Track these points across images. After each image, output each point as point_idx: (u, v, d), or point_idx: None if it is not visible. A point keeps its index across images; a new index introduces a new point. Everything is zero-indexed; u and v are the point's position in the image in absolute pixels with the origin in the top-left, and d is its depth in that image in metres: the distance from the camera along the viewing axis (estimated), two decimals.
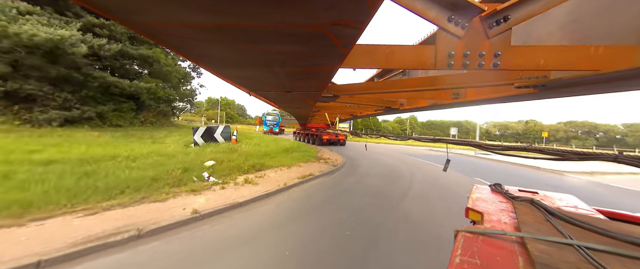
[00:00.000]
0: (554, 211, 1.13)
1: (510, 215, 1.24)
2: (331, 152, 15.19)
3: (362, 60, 2.73)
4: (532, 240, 0.84)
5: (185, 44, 2.01)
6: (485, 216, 1.24)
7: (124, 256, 3.09)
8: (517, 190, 1.89)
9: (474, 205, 1.43)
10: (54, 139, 9.88)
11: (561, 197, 1.73)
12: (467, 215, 1.44)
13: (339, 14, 1.37)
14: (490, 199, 1.60)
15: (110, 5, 1.40)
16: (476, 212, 1.35)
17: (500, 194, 1.74)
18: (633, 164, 1.10)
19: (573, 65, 2.58)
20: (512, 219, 1.16)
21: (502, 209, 1.37)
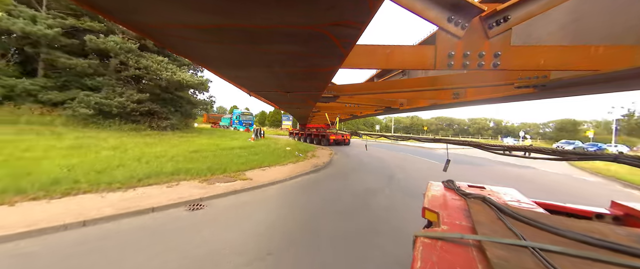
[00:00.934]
0: (505, 209, 1.18)
1: (464, 214, 1.27)
2: (329, 148, 19.06)
3: (362, 61, 2.73)
4: (489, 244, 0.85)
5: (185, 44, 2.01)
6: (441, 216, 1.26)
7: (283, 184, 6.88)
8: (467, 186, 2.01)
9: (430, 205, 1.45)
10: (175, 139, 15.25)
11: (505, 192, 1.89)
12: (423, 215, 1.46)
13: (339, 14, 1.37)
14: (444, 197, 1.63)
15: (109, 6, 1.40)
16: (432, 212, 1.37)
17: (453, 191, 1.79)
18: (633, 164, 1.10)
19: (573, 66, 2.57)
20: (467, 219, 1.18)
21: (457, 207, 1.41)
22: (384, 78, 9.41)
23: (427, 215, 1.42)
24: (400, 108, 8.61)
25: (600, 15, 2.90)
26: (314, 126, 23.24)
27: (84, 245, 3.32)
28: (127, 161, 7.72)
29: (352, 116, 15.86)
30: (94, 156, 8.24)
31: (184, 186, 5.99)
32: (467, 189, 1.85)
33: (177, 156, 9.25)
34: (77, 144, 10.30)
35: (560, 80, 3.33)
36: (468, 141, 2.37)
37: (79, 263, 2.93)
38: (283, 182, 7.17)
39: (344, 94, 5.70)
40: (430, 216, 1.39)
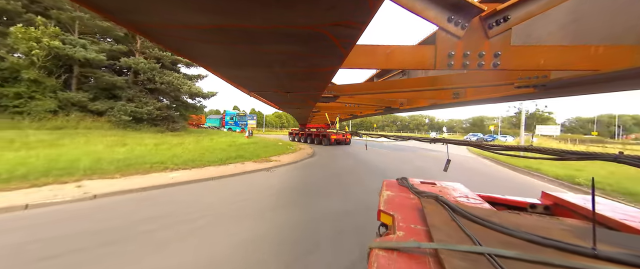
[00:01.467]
0: (457, 208, 1.20)
1: (419, 215, 1.27)
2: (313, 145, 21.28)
3: (362, 61, 2.73)
4: (446, 253, 0.85)
5: (185, 44, 2.01)
6: (396, 219, 1.24)
7: (298, 164, 10.67)
8: (419, 182, 2.08)
9: (385, 206, 1.43)
10: (191, 137, 18.51)
11: (454, 187, 1.98)
12: (379, 218, 1.42)
13: (340, 14, 1.37)
14: (399, 197, 1.64)
15: (109, 6, 1.40)
16: (387, 214, 1.35)
17: (407, 189, 1.82)
18: (633, 164, 1.10)
19: (573, 65, 2.57)
20: (422, 221, 1.18)
21: (411, 208, 1.41)
22: (383, 78, 9.41)
23: (382, 218, 1.40)
24: (400, 108, 8.61)
25: (600, 15, 2.90)
26: (314, 126, 23.25)
27: (219, 185, 6.85)
28: (196, 152, 11.36)
29: (352, 115, 15.86)
30: (170, 149, 11.63)
31: (250, 164, 10.11)
32: (419, 186, 1.91)
33: (217, 149, 12.61)
34: (143, 142, 13.43)
35: (560, 80, 3.33)
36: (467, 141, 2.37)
37: (221, 188, 6.45)
38: (297, 163, 11.25)
39: (344, 94, 5.70)
40: (386, 219, 1.37)
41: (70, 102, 17.86)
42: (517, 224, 1.01)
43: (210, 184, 6.80)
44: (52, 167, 6.69)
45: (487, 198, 1.88)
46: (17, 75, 16.05)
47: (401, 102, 8.18)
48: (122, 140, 13.37)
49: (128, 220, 4.21)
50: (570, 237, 0.88)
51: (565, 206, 1.75)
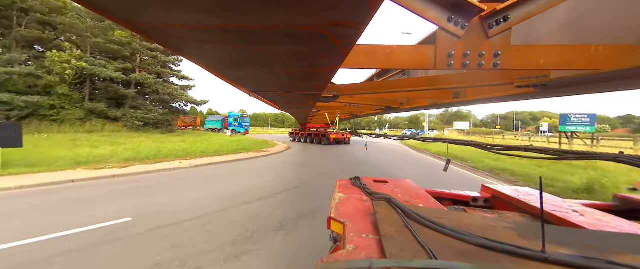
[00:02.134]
0: (409, 212, 1.15)
1: (371, 222, 1.21)
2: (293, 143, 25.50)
3: (362, 61, 2.73)
4: None
5: (185, 44, 2.02)
6: (347, 227, 1.16)
7: (249, 162, 11.88)
8: (372, 180, 2.06)
9: (336, 213, 1.35)
10: (187, 137, 23.58)
11: (405, 185, 1.98)
12: (329, 226, 1.32)
13: (339, 14, 1.37)
14: (351, 199, 1.58)
15: (109, 6, 1.40)
16: (338, 222, 1.25)
17: (359, 189, 1.78)
18: (633, 163, 1.10)
19: (573, 65, 2.57)
20: (374, 229, 1.12)
21: (363, 212, 1.34)
22: (383, 78, 9.41)
23: (332, 227, 1.30)
24: (400, 108, 8.61)
25: (600, 14, 2.90)
26: (314, 126, 23.27)
27: (244, 162, 11.68)
28: (210, 147, 15.25)
29: (352, 115, 15.86)
30: (192, 146, 15.31)
31: (250, 153, 14.39)
32: (373, 185, 1.88)
33: (222, 145, 16.68)
34: (167, 141, 18.47)
35: (560, 79, 3.33)
36: (467, 141, 2.37)
37: (245, 164, 11.31)
38: (282, 152, 15.79)
39: (344, 93, 5.70)
40: (336, 228, 1.27)
41: (92, 111, 22.74)
42: (467, 224, 1.02)
43: (237, 162, 11.70)
44: (151, 154, 11.57)
45: (434, 194, 1.98)
46: (50, 90, 20.19)
47: (401, 102, 8.18)
48: (152, 139, 18.53)
49: (220, 172, 9.11)
50: (518, 237, 0.90)
51: (502, 198, 1.93)
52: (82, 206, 5.33)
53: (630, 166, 1.11)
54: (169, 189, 6.58)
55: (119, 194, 6.17)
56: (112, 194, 6.21)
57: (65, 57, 20.45)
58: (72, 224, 4.22)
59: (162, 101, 27.86)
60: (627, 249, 0.80)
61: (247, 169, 9.68)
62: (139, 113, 24.09)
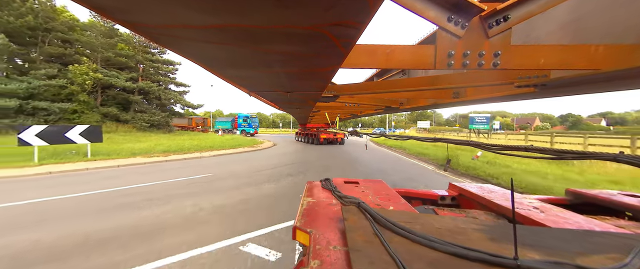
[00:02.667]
0: (379, 218, 1.08)
1: (339, 230, 1.14)
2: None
3: (362, 60, 2.73)
4: None
5: (185, 44, 2.02)
6: (313, 238, 1.08)
7: (248, 154, 15.65)
8: (343, 182, 2.02)
9: (302, 222, 1.26)
10: (186, 135, 27.65)
11: (375, 186, 1.94)
12: (294, 236, 1.22)
13: (339, 14, 1.37)
14: (320, 204, 1.51)
15: (109, 6, 1.40)
16: (303, 232, 1.16)
17: (330, 192, 1.71)
18: (633, 163, 1.10)
19: (573, 65, 2.57)
20: (342, 239, 1.05)
21: (332, 219, 1.28)
22: (384, 77, 9.41)
23: (298, 237, 1.21)
24: (400, 107, 8.61)
25: (600, 14, 2.90)
26: (314, 126, 23.27)
27: (247, 154, 15.61)
28: (214, 143, 18.57)
29: (352, 115, 15.86)
30: (189, 142, 19.13)
31: (246, 148, 18.17)
32: (343, 187, 1.84)
33: (223, 142, 20.34)
34: (175, 139, 21.68)
35: (560, 79, 3.33)
36: (467, 141, 2.37)
37: (247, 155, 15.30)
38: (270, 148, 19.55)
39: (344, 93, 5.70)
40: (302, 238, 1.18)
41: (106, 114, 27.05)
42: (438, 228, 1.00)
43: (241, 154, 15.48)
44: (177, 148, 15.21)
45: (404, 193, 2.02)
46: (72, 97, 24.52)
47: (401, 102, 8.18)
48: (165, 138, 22.41)
49: (235, 159, 13.13)
50: (488, 241, 0.89)
51: (467, 196, 1.99)
52: (170, 172, 9.14)
53: (631, 165, 1.11)
54: (212, 166, 10.61)
55: (184, 168, 10.04)
56: (180, 168, 10.14)
57: (85, 70, 25.00)
58: (176, 177, 8.18)
59: (162, 105, 32.95)
60: (589, 250, 0.83)
61: (250, 158, 13.80)
62: (145, 116, 29.47)
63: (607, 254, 0.79)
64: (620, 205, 1.67)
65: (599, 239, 0.91)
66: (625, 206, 1.65)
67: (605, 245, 0.86)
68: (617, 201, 1.70)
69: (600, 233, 1.00)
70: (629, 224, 1.40)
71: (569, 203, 1.93)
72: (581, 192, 1.91)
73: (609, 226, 1.27)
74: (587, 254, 0.79)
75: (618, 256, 0.77)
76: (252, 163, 11.45)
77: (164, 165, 10.89)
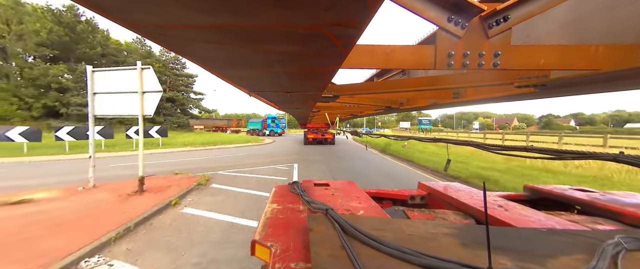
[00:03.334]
0: (348, 226, 1.00)
1: (303, 245, 1.05)
2: None
3: (362, 60, 2.72)
4: None
5: (185, 44, 2.01)
6: (273, 254, 0.98)
7: (259, 147, 22.56)
8: (313, 184, 1.97)
9: (263, 233, 1.15)
10: (211, 135, 35.24)
11: (346, 188, 1.92)
12: (252, 252, 1.10)
13: (339, 14, 1.37)
14: (286, 211, 1.42)
15: (108, 5, 1.40)
16: (263, 247, 1.05)
17: (298, 197, 1.62)
18: (633, 163, 1.10)
19: (573, 65, 2.57)
20: (305, 256, 0.96)
21: (297, 230, 1.18)
22: (384, 78, 9.40)
23: (258, 253, 1.09)
24: (400, 108, 8.61)
25: (600, 14, 2.90)
26: (313, 126, 23.32)
27: (259, 146, 23.13)
28: (227, 139, 27.55)
29: (352, 115, 15.85)
30: (213, 138, 26.55)
31: (254, 143, 25.81)
32: (312, 191, 1.76)
33: (239, 138, 29.32)
34: (204, 135, 30.81)
35: (560, 79, 3.33)
36: (467, 141, 2.37)
37: (261, 146, 23.22)
38: (271, 143, 26.96)
39: (344, 93, 5.70)
40: (262, 254, 1.07)
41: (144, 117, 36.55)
42: (409, 235, 0.97)
43: (254, 146, 22.37)
44: (211, 142, 23.08)
45: (374, 194, 2.04)
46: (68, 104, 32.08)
47: (401, 102, 8.18)
48: (193, 136, 29.30)
49: (253, 148, 20.89)
50: (460, 248, 0.87)
51: (436, 195, 2.05)
52: (220, 152, 17.17)
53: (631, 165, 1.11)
54: (242, 150, 19.16)
55: (225, 151, 18.28)
56: (222, 151, 18.17)
57: None
58: (227, 154, 16.41)
59: (184, 110, 43.18)
60: (555, 250, 0.86)
61: (262, 148, 20.96)
62: (173, 119, 39.06)
63: (573, 255, 0.82)
64: (571, 200, 1.79)
65: (562, 238, 0.96)
66: (575, 200, 1.77)
67: (569, 244, 0.90)
68: (568, 195, 1.82)
69: (561, 232, 1.05)
70: (581, 218, 1.50)
71: (527, 199, 2.03)
72: (538, 188, 2.04)
73: (565, 222, 1.36)
74: (555, 256, 0.82)
75: (583, 257, 0.81)
76: (260, 149, 19.79)
77: (210, 151, 18.17)
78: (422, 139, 3.47)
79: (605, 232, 1.08)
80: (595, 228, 1.32)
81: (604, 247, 0.82)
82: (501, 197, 1.83)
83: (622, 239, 0.87)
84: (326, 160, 13.98)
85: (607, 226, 1.36)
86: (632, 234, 0.94)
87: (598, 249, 0.81)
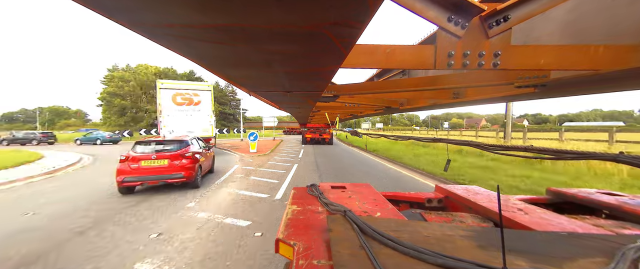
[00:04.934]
0: (366, 228, 1.03)
1: (324, 243, 1.08)
2: None
3: (362, 60, 2.72)
4: None
5: (184, 44, 2.01)
6: (296, 252, 1.02)
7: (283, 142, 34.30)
8: (330, 187, 1.97)
9: (286, 233, 1.20)
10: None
11: (362, 191, 1.90)
12: (276, 250, 1.17)
13: (339, 13, 1.37)
14: (306, 213, 1.45)
15: (107, 4, 1.40)
16: (287, 245, 1.11)
17: (316, 199, 1.65)
18: (634, 163, 1.10)
19: (573, 65, 2.57)
20: (327, 255, 0.99)
21: (317, 230, 1.22)
22: (384, 78, 9.40)
23: (281, 251, 1.15)
24: (400, 108, 8.61)
25: (600, 14, 2.90)
26: (313, 126, 23.36)
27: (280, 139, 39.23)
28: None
29: (352, 115, 15.86)
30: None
31: (279, 138, 39.01)
32: (330, 193, 1.79)
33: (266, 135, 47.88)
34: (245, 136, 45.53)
35: (560, 80, 3.33)
36: (467, 141, 2.37)
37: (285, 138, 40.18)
38: (285, 140, 35.03)
39: (344, 93, 5.69)
40: (285, 252, 1.13)
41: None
42: (426, 236, 0.99)
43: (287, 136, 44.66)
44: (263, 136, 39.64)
45: (391, 197, 2.04)
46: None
47: (401, 102, 8.17)
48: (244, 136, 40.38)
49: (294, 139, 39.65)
50: (476, 249, 0.88)
51: (453, 198, 2.04)
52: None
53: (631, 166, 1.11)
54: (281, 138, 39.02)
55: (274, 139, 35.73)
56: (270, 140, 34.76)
57: (217, 107, 47.76)
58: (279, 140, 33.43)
59: (236, 120, 59.35)
60: (574, 253, 0.84)
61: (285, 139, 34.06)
62: (230, 126, 53.90)
63: (592, 259, 0.80)
64: (597, 204, 1.72)
65: (583, 242, 0.93)
66: (602, 204, 1.69)
67: (589, 248, 0.87)
68: (594, 199, 1.75)
69: (583, 235, 1.02)
70: (607, 223, 1.44)
71: (550, 202, 1.97)
72: (561, 191, 1.97)
73: (589, 226, 1.29)
74: (573, 259, 0.80)
75: (602, 261, 0.78)
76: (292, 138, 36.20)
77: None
78: (422, 139, 3.47)
79: (630, 236, 1.03)
80: (621, 232, 1.26)
81: (624, 251, 0.79)
82: (522, 200, 1.79)
83: None
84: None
85: (634, 231, 1.30)
86: None
87: (618, 253, 0.79)
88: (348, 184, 2.08)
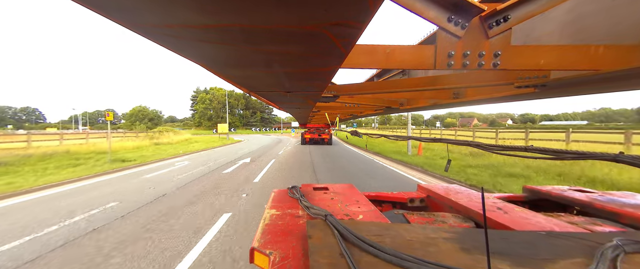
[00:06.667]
0: (347, 233, 0.98)
1: (303, 251, 1.03)
2: None
3: (362, 60, 2.72)
4: None
5: (184, 44, 2.01)
6: (272, 264, 0.96)
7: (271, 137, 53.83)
8: (312, 189, 1.94)
9: (262, 240, 1.13)
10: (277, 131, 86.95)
11: (345, 192, 1.89)
12: (251, 260, 1.09)
13: (339, 14, 1.37)
14: (285, 217, 1.40)
15: (106, 4, 1.40)
16: (262, 254, 1.04)
17: (296, 202, 1.61)
18: (634, 163, 1.10)
19: (573, 65, 2.57)
20: (305, 264, 0.94)
21: (297, 237, 1.17)
22: (384, 78, 9.39)
23: (257, 261, 1.08)
24: (400, 108, 8.61)
25: (600, 14, 2.90)
26: (313, 126, 23.40)
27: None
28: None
29: (352, 115, 15.86)
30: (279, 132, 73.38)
31: (293, 134, 59.90)
32: (312, 195, 1.75)
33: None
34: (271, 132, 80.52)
35: (560, 79, 3.33)
36: (467, 141, 2.37)
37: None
38: (291, 138, 48.75)
39: (344, 93, 5.69)
40: (261, 262, 1.06)
41: (245, 124, 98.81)
42: (409, 240, 0.97)
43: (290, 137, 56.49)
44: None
45: (374, 197, 2.05)
46: (234, 122, 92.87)
47: (401, 102, 8.17)
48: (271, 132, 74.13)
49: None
50: (460, 252, 0.88)
51: (435, 197, 2.06)
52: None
53: (631, 166, 1.11)
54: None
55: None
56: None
57: (242, 114, 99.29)
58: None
59: (263, 121, 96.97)
60: (554, 254, 0.86)
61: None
62: (259, 124, 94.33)
63: (572, 259, 0.82)
64: (570, 201, 1.78)
65: (562, 242, 0.96)
66: (574, 201, 1.76)
67: (569, 248, 0.90)
68: (567, 196, 1.82)
69: (561, 234, 1.05)
70: (580, 220, 1.51)
71: (526, 200, 2.03)
72: (537, 189, 2.04)
73: (565, 224, 1.35)
74: (554, 260, 0.82)
75: (582, 261, 0.81)
76: None
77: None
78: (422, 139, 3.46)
79: (604, 234, 1.08)
80: (594, 229, 1.32)
81: (603, 250, 0.82)
82: (500, 199, 1.82)
83: (620, 241, 0.87)
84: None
85: (606, 227, 1.36)
86: (630, 236, 0.95)
87: (597, 253, 0.81)
88: (330, 185, 2.06)
